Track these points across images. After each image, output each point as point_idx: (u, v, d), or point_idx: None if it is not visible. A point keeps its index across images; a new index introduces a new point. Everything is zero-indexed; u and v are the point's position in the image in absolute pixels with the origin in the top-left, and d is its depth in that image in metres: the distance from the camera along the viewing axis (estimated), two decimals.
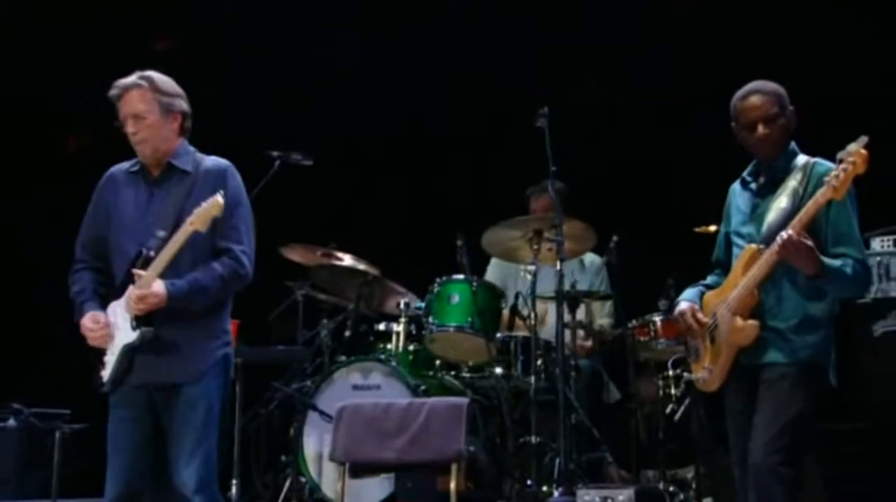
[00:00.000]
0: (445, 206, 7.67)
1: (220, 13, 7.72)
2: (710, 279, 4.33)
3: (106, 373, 4.12)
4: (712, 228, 5.73)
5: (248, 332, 6.20)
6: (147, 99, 4.17)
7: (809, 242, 3.80)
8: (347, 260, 6.38)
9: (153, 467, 4.13)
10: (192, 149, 4.30)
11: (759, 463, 3.87)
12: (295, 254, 6.45)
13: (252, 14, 7.75)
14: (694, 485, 5.76)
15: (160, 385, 4.10)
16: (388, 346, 6.23)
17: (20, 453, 5.93)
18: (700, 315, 4.17)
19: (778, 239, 3.83)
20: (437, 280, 6.08)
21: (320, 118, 7.81)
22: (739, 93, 4.14)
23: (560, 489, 5.30)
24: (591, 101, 7.69)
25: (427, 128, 7.97)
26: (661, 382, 5.96)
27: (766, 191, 4.13)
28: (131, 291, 4.04)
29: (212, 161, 4.27)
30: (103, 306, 4.18)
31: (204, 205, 3.98)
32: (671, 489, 5.68)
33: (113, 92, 4.18)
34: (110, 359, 4.12)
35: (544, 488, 5.45)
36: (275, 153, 5.98)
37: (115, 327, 4.12)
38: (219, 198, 3.98)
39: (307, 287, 6.59)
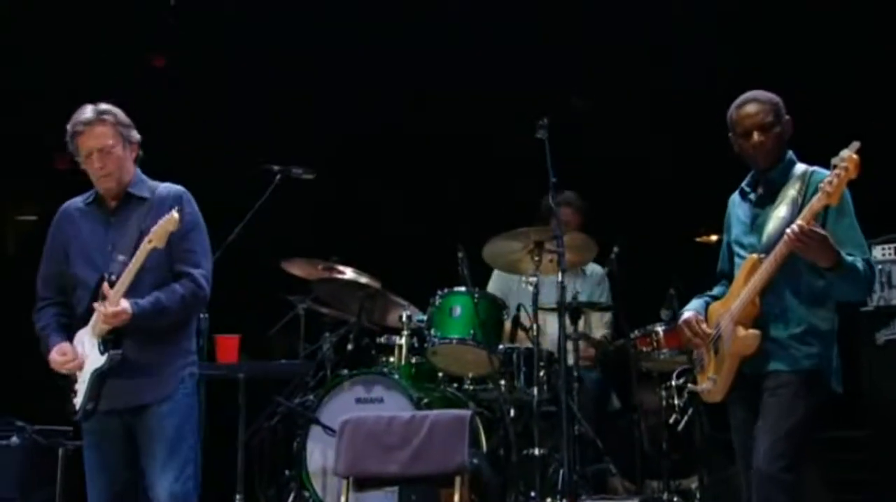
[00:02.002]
0: (446, 219, 7.67)
1: (218, 27, 7.73)
2: (716, 290, 4.34)
3: (78, 401, 4.15)
4: (713, 238, 5.75)
5: (250, 347, 6.20)
6: (113, 133, 4.21)
7: (822, 231, 3.81)
8: (349, 273, 6.37)
9: (132, 482, 4.18)
10: (144, 177, 4.35)
11: (762, 468, 3.88)
12: (296, 268, 6.45)
13: (250, 27, 7.75)
14: (698, 496, 5.75)
15: (129, 408, 4.15)
16: (391, 359, 6.22)
17: (24, 470, 5.93)
18: (704, 325, 4.18)
19: (788, 231, 3.82)
20: (439, 292, 6.07)
21: (320, 131, 7.81)
22: (736, 102, 4.17)
23: (564, 500, 5.30)
24: (591, 111, 7.71)
25: (428, 141, 7.97)
26: (663, 393, 5.95)
27: (765, 202, 4.14)
28: (100, 310, 4.07)
29: (166, 187, 4.32)
30: (69, 337, 4.23)
31: (161, 221, 4.02)
32: (675, 499, 5.68)
33: (77, 128, 4.20)
34: (81, 386, 4.16)
35: (548, 500, 5.44)
36: (275, 167, 5.98)
37: (83, 355, 4.16)
38: (174, 214, 4.02)
39: (309, 301, 6.58)
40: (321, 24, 7.61)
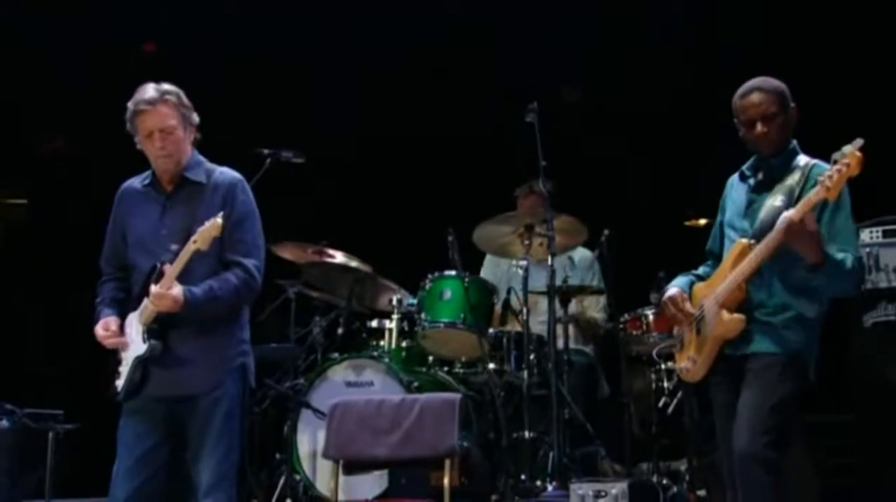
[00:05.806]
0: (437, 202, 7.68)
1: (212, 9, 7.70)
2: (701, 269, 4.35)
3: (120, 383, 4.18)
4: (702, 222, 5.76)
5: None
6: (175, 114, 4.20)
7: (815, 227, 3.81)
8: (339, 257, 6.38)
9: (161, 469, 4.17)
10: (202, 158, 4.33)
11: (744, 447, 3.88)
12: (286, 252, 6.45)
13: (244, 10, 7.74)
14: (687, 478, 5.77)
15: (180, 397, 4.15)
16: (381, 343, 6.23)
17: (14, 454, 5.92)
18: (687, 304, 4.19)
19: (782, 219, 3.82)
20: (429, 276, 6.09)
21: (311, 115, 7.80)
22: (741, 89, 4.14)
23: (554, 483, 5.32)
24: (580, 96, 7.71)
25: (417, 124, 7.97)
26: (653, 376, 5.97)
27: (763, 188, 4.14)
28: (153, 290, 4.06)
29: (222, 173, 4.31)
30: (121, 311, 4.25)
31: (207, 224, 4.00)
32: (664, 482, 5.69)
33: (140, 107, 4.17)
34: (124, 369, 4.18)
35: (538, 482, 5.46)
36: (266, 151, 5.97)
37: (130, 338, 4.18)
38: (218, 220, 3.99)
39: (299, 285, 6.59)
40: (315, 10, 7.61)
